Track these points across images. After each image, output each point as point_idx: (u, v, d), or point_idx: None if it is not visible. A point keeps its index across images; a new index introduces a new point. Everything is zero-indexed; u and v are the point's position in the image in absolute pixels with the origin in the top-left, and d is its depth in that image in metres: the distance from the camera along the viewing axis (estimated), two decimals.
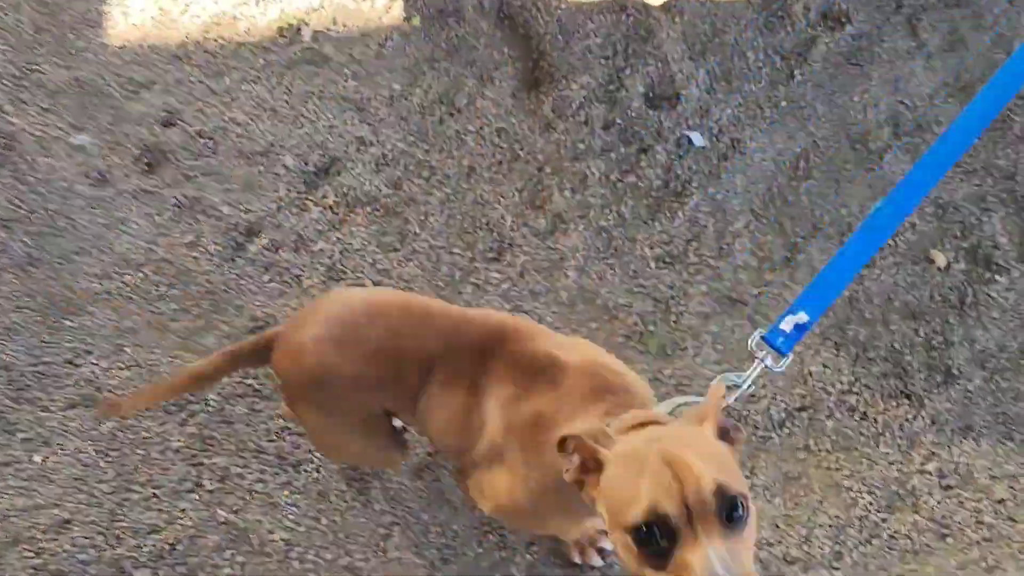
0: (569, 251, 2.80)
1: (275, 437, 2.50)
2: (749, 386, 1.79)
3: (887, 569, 2.35)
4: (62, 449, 2.47)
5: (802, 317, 1.83)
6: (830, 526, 2.40)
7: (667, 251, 2.79)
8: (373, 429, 2.01)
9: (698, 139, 3.00)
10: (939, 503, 2.42)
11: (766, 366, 1.80)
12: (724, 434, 1.46)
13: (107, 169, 2.89)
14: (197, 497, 2.42)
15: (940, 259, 2.77)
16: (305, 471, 2.46)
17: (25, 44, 3.08)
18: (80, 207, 2.82)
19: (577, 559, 2.34)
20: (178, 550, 2.35)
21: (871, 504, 2.42)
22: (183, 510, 2.40)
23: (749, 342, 1.82)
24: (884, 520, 2.41)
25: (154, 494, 2.42)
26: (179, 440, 2.49)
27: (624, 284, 2.74)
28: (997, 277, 2.73)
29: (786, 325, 1.83)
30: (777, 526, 2.40)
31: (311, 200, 2.89)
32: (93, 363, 2.59)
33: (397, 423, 2.10)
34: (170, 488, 2.43)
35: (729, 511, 1.31)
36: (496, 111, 3.07)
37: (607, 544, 2.33)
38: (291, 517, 2.40)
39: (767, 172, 2.94)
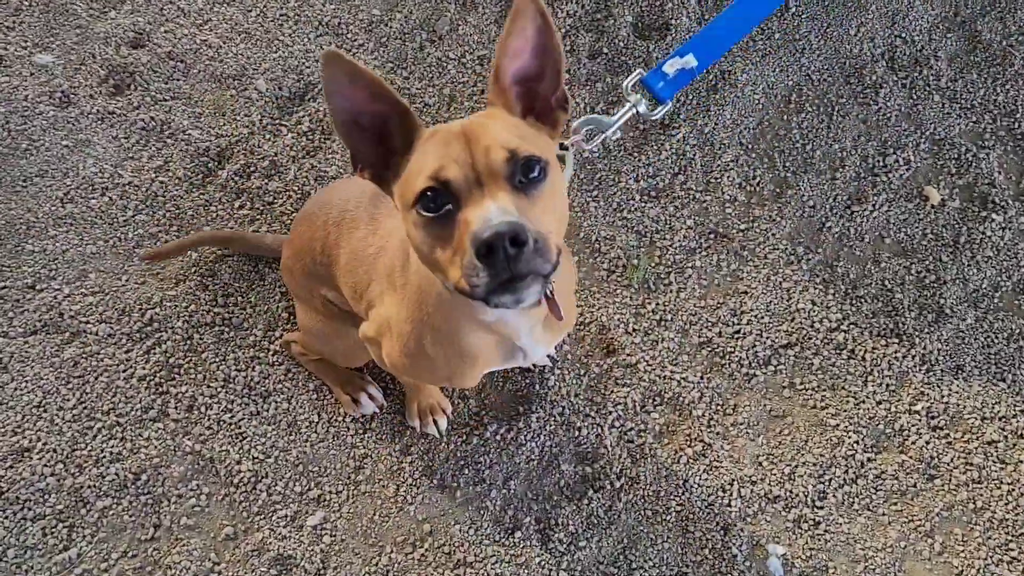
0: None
1: (244, 367, 2.42)
2: (616, 132, 1.75)
3: (872, 509, 2.28)
4: (21, 376, 2.38)
5: (690, 61, 1.71)
6: (814, 465, 2.33)
7: (653, 184, 2.70)
8: (333, 315, 2.14)
9: None
10: (927, 443, 2.36)
11: (638, 111, 1.74)
12: (545, 115, 1.47)
13: (71, 90, 2.77)
14: (162, 427, 2.34)
15: (934, 196, 2.68)
16: (275, 402, 2.38)
17: None
18: (43, 128, 2.70)
19: (416, 424, 2.34)
20: (142, 480, 2.28)
21: (857, 443, 2.36)
22: (147, 439, 2.32)
23: (625, 83, 1.73)
24: (870, 460, 2.34)
25: (117, 423, 2.34)
26: (144, 368, 2.40)
27: (607, 217, 2.65)
28: (993, 215, 2.64)
29: (670, 67, 1.71)
30: (760, 464, 2.33)
31: (285, 126, 2.77)
32: (56, 288, 2.49)
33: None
34: (134, 417, 2.35)
35: (525, 174, 1.30)
36: (479, 38, 2.96)
37: (443, 420, 2.36)
38: (259, 448, 2.32)
39: (758, 105, 2.84)
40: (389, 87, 1.37)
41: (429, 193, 1.29)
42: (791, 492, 2.30)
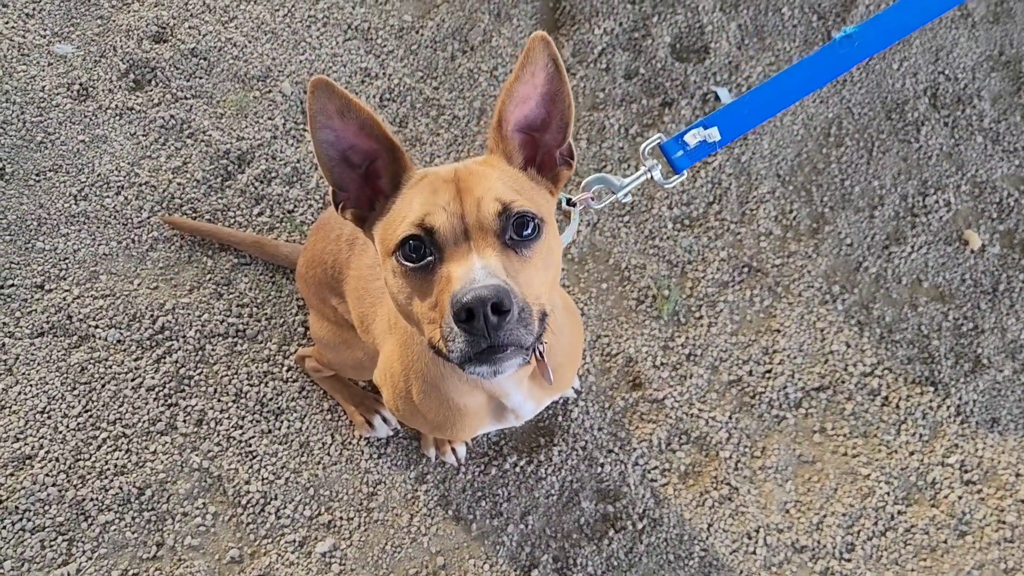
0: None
1: (256, 382, 2.33)
2: (627, 195, 1.68)
3: (901, 564, 2.21)
4: (26, 379, 2.29)
5: (713, 134, 1.68)
6: (843, 515, 2.25)
7: (686, 212, 2.62)
8: (343, 325, 2.04)
9: (726, 96, 2.81)
10: (960, 498, 2.28)
11: (652, 177, 1.67)
12: (547, 168, 1.39)
13: (90, 83, 2.68)
14: (169, 440, 2.25)
15: (975, 240, 2.61)
16: (287, 420, 2.29)
17: None
18: (59, 121, 2.61)
19: (431, 453, 2.26)
20: (146, 495, 2.19)
21: (888, 495, 2.28)
22: (154, 453, 2.23)
23: (643, 147, 1.68)
24: (901, 512, 2.26)
25: (123, 433, 2.25)
26: (153, 378, 2.31)
27: (639, 244, 2.56)
28: None
29: (692, 138, 1.68)
30: (788, 511, 2.25)
31: (308, 131, 2.68)
32: (65, 290, 2.40)
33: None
34: (141, 429, 2.26)
35: (517, 231, 1.23)
36: (512, 51, 2.87)
37: (462, 447, 2.28)
38: (270, 468, 2.23)
39: (796, 136, 2.76)
40: (382, 123, 1.29)
41: (412, 241, 1.22)
42: (819, 542, 2.22)
